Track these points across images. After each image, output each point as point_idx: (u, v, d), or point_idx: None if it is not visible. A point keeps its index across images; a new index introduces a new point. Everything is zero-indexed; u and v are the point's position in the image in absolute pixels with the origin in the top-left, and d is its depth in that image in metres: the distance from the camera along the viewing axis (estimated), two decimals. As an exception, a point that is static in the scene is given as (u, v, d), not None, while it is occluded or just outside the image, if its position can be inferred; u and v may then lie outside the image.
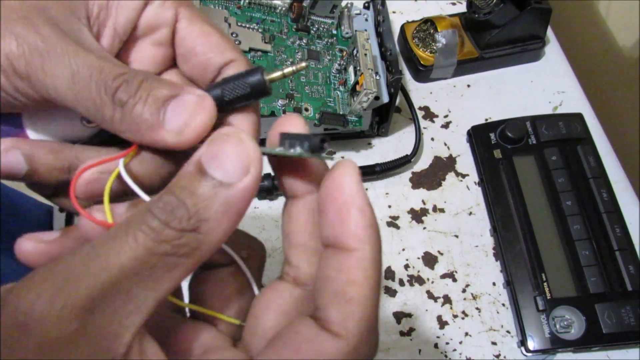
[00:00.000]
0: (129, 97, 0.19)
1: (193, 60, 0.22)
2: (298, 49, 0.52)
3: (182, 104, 0.19)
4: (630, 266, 0.47)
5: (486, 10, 0.58)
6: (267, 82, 0.20)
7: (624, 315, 0.45)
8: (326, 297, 0.18)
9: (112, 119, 0.19)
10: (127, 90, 0.19)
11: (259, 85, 0.20)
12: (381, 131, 0.56)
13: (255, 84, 0.20)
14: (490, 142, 0.54)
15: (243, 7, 0.51)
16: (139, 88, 0.19)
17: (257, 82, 0.20)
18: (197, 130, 0.19)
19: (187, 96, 0.20)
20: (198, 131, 0.19)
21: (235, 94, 0.20)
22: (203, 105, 0.20)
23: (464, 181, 0.55)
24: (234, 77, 0.21)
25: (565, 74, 0.62)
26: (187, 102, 0.20)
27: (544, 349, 0.44)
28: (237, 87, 0.20)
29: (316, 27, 0.53)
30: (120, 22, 0.21)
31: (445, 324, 0.48)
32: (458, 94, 0.60)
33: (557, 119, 0.55)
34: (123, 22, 0.21)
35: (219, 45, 0.22)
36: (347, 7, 0.55)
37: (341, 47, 0.54)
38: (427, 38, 0.59)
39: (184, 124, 0.19)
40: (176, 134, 0.19)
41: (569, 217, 0.49)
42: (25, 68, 0.19)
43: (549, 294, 0.46)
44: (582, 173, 0.52)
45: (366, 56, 0.48)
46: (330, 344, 0.17)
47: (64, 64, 0.19)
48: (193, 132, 0.19)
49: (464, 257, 0.51)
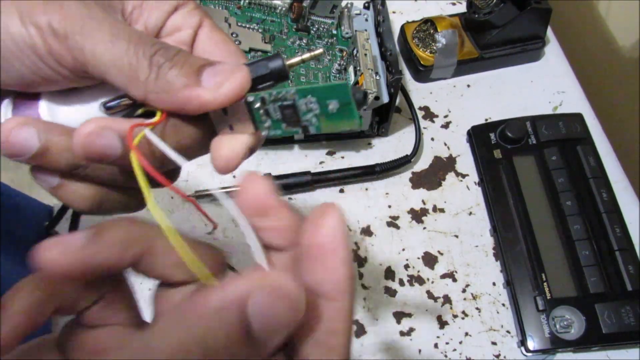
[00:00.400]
0: (165, 60, 0.20)
1: None
2: (298, 49, 0.52)
3: (219, 68, 0.21)
4: (630, 266, 0.47)
5: (486, 10, 0.58)
6: (286, 67, 0.21)
7: (624, 315, 0.45)
8: (308, 346, 0.18)
9: (146, 80, 0.20)
10: (165, 55, 0.20)
11: (279, 68, 0.21)
12: (381, 131, 0.56)
13: (276, 68, 0.21)
14: (490, 142, 0.54)
15: (243, 7, 0.51)
16: (175, 55, 0.21)
17: (278, 66, 0.21)
18: (235, 86, 0.20)
19: (223, 64, 0.21)
20: (235, 87, 0.20)
21: (256, 73, 0.21)
22: (240, 68, 0.21)
23: (464, 181, 0.55)
24: (256, 61, 0.22)
25: (565, 74, 0.62)
26: (223, 66, 0.21)
27: (544, 349, 0.44)
28: (258, 68, 0.21)
29: (316, 27, 0.53)
30: (151, 22, 0.23)
31: (445, 324, 0.48)
32: (458, 94, 0.60)
33: (557, 119, 0.55)
34: (153, 21, 0.23)
35: (234, 53, 0.24)
36: (347, 7, 0.55)
37: (341, 47, 0.54)
38: (427, 38, 0.59)
39: (221, 81, 0.20)
40: (213, 90, 0.20)
41: (569, 217, 0.49)
42: (64, 29, 0.19)
43: (549, 294, 0.46)
44: (582, 173, 0.52)
45: (366, 56, 0.48)
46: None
47: (104, 28, 0.20)
48: (230, 87, 0.20)
49: (464, 257, 0.51)
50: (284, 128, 0.21)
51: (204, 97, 0.20)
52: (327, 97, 0.19)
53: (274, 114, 0.21)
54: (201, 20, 0.24)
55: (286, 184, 0.52)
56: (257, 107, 0.21)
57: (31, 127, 0.21)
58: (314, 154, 0.56)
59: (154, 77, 0.20)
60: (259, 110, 0.21)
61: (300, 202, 0.53)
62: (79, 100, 0.22)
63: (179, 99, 0.20)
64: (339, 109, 0.19)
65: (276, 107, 0.21)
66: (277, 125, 0.21)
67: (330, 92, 0.19)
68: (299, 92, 0.20)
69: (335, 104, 0.19)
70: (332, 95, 0.19)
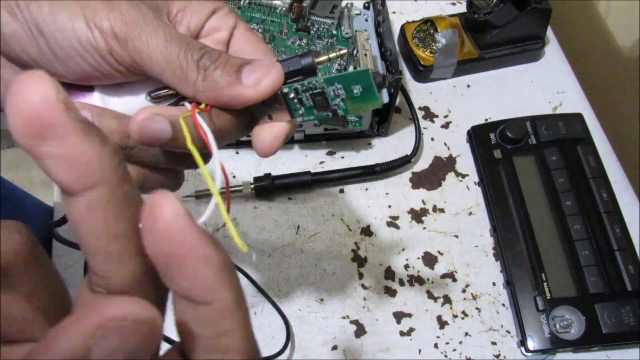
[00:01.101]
0: (211, 62, 0.23)
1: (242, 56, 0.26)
2: (298, 49, 0.52)
3: (256, 66, 0.24)
4: (630, 266, 0.47)
5: (486, 10, 0.58)
6: (315, 64, 0.24)
7: (624, 315, 0.45)
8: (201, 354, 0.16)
9: (195, 80, 0.23)
10: (210, 58, 0.23)
11: (310, 65, 0.24)
12: (381, 131, 0.56)
13: (307, 65, 0.24)
14: (490, 142, 0.54)
15: (243, 7, 0.51)
16: (219, 57, 0.24)
17: (309, 63, 0.24)
18: (272, 81, 0.23)
19: (259, 62, 0.24)
20: (273, 82, 0.23)
21: (289, 68, 0.24)
22: (275, 65, 0.24)
23: (464, 181, 0.55)
24: (289, 58, 0.25)
25: (565, 74, 0.62)
26: (260, 64, 0.24)
27: (544, 349, 0.45)
28: (291, 64, 0.24)
29: (316, 27, 0.53)
30: (193, 23, 0.26)
31: (445, 324, 0.48)
32: (458, 94, 0.60)
33: (557, 119, 0.55)
34: (195, 23, 0.26)
35: (265, 52, 0.26)
36: (347, 7, 0.55)
37: (341, 47, 0.54)
38: (427, 38, 0.59)
39: (259, 77, 0.23)
40: (253, 86, 0.23)
41: (569, 217, 0.49)
42: (125, 33, 0.22)
43: (548, 294, 0.46)
44: (582, 173, 0.52)
45: (366, 56, 0.48)
46: None
47: (159, 34, 0.23)
48: (268, 83, 0.23)
49: (464, 257, 0.51)
50: (316, 113, 0.25)
51: (245, 94, 0.23)
52: (352, 83, 0.22)
53: (306, 101, 0.24)
54: (236, 22, 0.27)
55: (286, 184, 0.52)
56: (292, 97, 0.24)
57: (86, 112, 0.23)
58: (314, 154, 0.56)
59: (202, 78, 0.23)
60: (294, 100, 0.24)
61: (300, 202, 0.53)
62: (128, 91, 0.25)
63: (224, 96, 0.23)
64: (362, 92, 0.23)
65: (308, 95, 0.24)
66: (309, 111, 0.25)
67: (354, 78, 0.22)
68: (327, 81, 0.23)
69: (359, 88, 0.23)
70: (356, 81, 0.22)
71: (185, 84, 0.23)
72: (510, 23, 0.57)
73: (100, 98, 0.25)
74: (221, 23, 0.26)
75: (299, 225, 0.52)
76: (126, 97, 0.25)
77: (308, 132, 0.54)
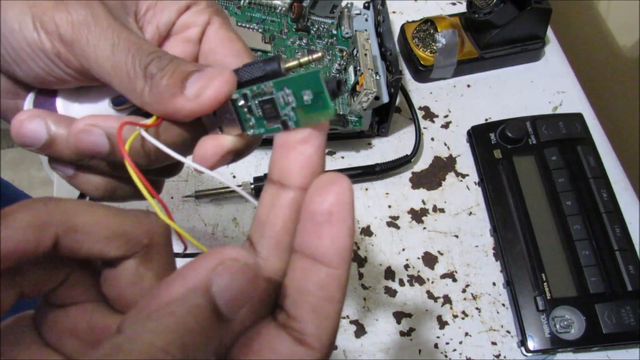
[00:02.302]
0: (158, 70, 0.21)
1: (211, 58, 0.24)
2: (298, 49, 0.52)
3: (203, 74, 0.21)
4: (630, 266, 0.47)
5: (486, 10, 0.58)
6: (283, 71, 0.21)
7: (624, 315, 0.45)
8: (305, 311, 0.18)
9: (141, 90, 0.21)
10: (158, 65, 0.21)
11: (275, 71, 0.21)
12: (381, 131, 0.56)
13: (271, 69, 0.21)
14: (490, 142, 0.54)
15: (243, 7, 0.51)
16: (168, 63, 0.21)
17: (274, 69, 0.21)
18: (215, 92, 0.20)
19: (209, 69, 0.21)
20: (214, 95, 0.20)
21: (250, 76, 0.21)
22: (221, 73, 0.21)
23: (464, 181, 0.55)
24: (253, 62, 0.21)
25: (565, 74, 0.62)
26: (207, 72, 0.21)
27: (544, 349, 0.44)
28: (253, 70, 0.21)
29: (316, 27, 0.53)
30: (163, 21, 0.24)
31: (445, 324, 0.48)
32: (458, 94, 0.60)
33: (557, 119, 0.55)
34: (165, 21, 0.24)
35: (240, 52, 0.24)
36: (347, 7, 0.55)
37: (341, 47, 0.54)
38: (427, 38, 0.59)
39: (201, 88, 0.20)
40: (194, 98, 0.21)
41: (569, 217, 0.49)
42: (71, 35, 0.20)
43: (549, 294, 0.46)
44: (582, 173, 0.52)
45: (366, 56, 0.48)
46: (307, 357, 0.18)
47: (107, 36, 0.21)
48: (210, 94, 0.20)
49: (464, 257, 0.51)
50: (266, 125, 0.21)
51: (186, 106, 0.21)
52: (302, 88, 0.19)
53: (256, 111, 0.21)
54: (210, 18, 0.24)
55: (286, 184, 0.52)
56: (241, 104, 0.21)
57: (41, 120, 0.22)
58: (314, 154, 0.56)
59: (148, 88, 0.21)
60: (243, 109, 0.21)
61: (300, 202, 0.53)
62: (92, 97, 0.24)
63: (168, 108, 0.21)
64: (312, 99, 0.19)
65: (257, 103, 0.20)
66: (260, 123, 0.21)
67: (304, 82, 0.19)
68: (276, 85, 0.20)
69: (310, 94, 0.19)
70: (306, 85, 0.19)
71: (133, 93, 0.21)
72: (510, 23, 0.57)
73: (63, 104, 0.24)
74: (193, 19, 0.24)
75: (299, 225, 0.52)
76: (88, 103, 0.24)
77: (308, 132, 0.54)
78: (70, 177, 0.24)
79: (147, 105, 0.21)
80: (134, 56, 0.21)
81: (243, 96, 0.21)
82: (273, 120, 0.20)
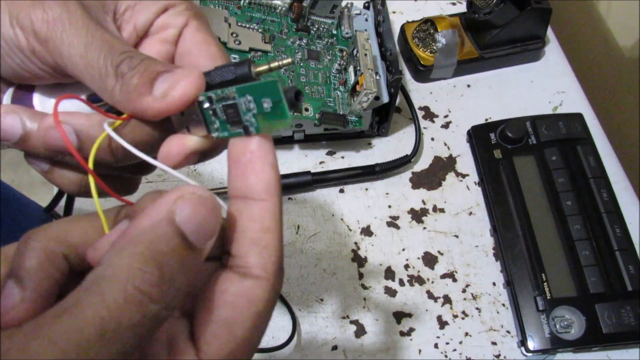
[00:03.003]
0: (129, 69, 0.21)
1: (186, 60, 0.24)
2: (298, 49, 0.52)
3: (172, 75, 0.21)
4: (630, 266, 0.47)
5: (486, 10, 0.58)
6: (253, 75, 0.21)
7: (624, 315, 0.45)
8: (244, 245, 0.20)
9: (112, 89, 0.21)
10: (129, 64, 0.21)
11: (245, 74, 0.21)
12: (381, 131, 0.56)
13: (242, 73, 0.21)
14: (490, 142, 0.54)
15: (243, 7, 0.51)
16: (139, 63, 0.21)
17: (243, 72, 0.21)
18: (181, 93, 0.21)
19: (178, 70, 0.21)
20: (182, 94, 0.21)
21: (221, 79, 0.21)
22: (189, 75, 0.21)
23: (464, 181, 0.55)
24: (224, 66, 0.22)
25: (565, 74, 0.62)
26: (176, 73, 0.21)
27: (544, 349, 0.44)
28: (224, 73, 0.21)
29: (316, 27, 0.53)
30: (141, 21, 0.24)
31: (445, 324, 0.48)
32: (458, 94, 0.60)
33: (557, 119, 0.55)
34: (143, 21, 0.24)
35: (214, 56, 0.24)
36: (347, 7, 0.55)
37: (341, 47, 0.54)
38: (427, 38, 0.59)
39: (168, 88, 0.21)
40: (160, 98, 0.21)
41: (569, 217, 0.49)
42: (46, 33, 0.21)
43: (549, 294, 0.46)
44: (582, 173, 0.52)
45: (366, 56, 0.48)
46: (256, 288, 0.19)
47: (81, 35, 0.21)
48: (176, 95, 0.21)
49: (464, 257, 0.51)
50: (229, 129, 0.21)
51: (153, 106, 0.21)
52: (261, 95, 0.19)
53: (220, 114, 0.21)
54: (187, 20, 0.24)
55: (286, 184, 0.52)
56: (207, 107, 0.21)
57: (16, 115, 0.22)
58: (314, 154, 0.56)
59: (118, 87, 0.21)
60: (209, 111, 0.21)
61: (300, 202, 0.53)
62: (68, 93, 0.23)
63: (136, 107, 0.21)
64: (272, 107, 0.19)
65: (221, 107, 0.21)
66: (223, 126, 0.21)
67: (263, 90, 0.19)
68: (238, 91, 0.20)
69: (269, 102, 0.19)
70: (265, 93, 0.19)
71: (104, 91, 0.22)
72: (510, 23, 0.57)
73: (39, 99, 0.24)
74: (171, 21, 0.24)
75: (299, 225, 0.52)
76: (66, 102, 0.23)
77: (308, 132, 0.54)
78: (45, 172, 0.24)
79: (118, 104, 0.22)
80: (106, 55, 0.21)
81: (208, 99, 0.21)
82: (236, 125, 0.21)
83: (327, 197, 0.54)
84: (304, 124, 0.52)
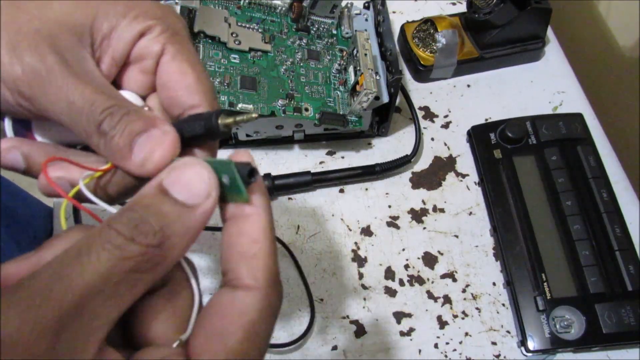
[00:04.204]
0: (110, 129, 0.21)
1: (165, 93, 0.25)
2: (298, 49, 0.52)
3: (148, 138, 0.22)
4: (630, 266, 0.47)
5: (486, 10, 0.58)
6: (219, 127, 0.22)
7: (624, 315, 0.45)
8: (233, 259, 0.20)
9: (97, 146, 0.22)
10: (110, 123, 0.21)
11: (212, 128, 0.22)
12: (381, 131, 0.56)
13: (209, 127, 0.22)
14: (490, 142, 0.54)
15: (243, 7, 0.51)
16: (119, 121, 0.22)
17: (211, 125, 0.22)
18: (156, 163, 0.21)
19: (154, 131, 0.22)
20: (157, 164, 0.21)
21: (193, 132, 0.22)
22: (163, 141, 0.22)
23: (464, 181, 0.55)
24: (195, 117, 0.23)
25: (565, 74, 0.62)
26: (152, 136, 0.22)
27: (544, 349, 0.44)
28: (195, 126, 0.22)
29: (316, 27, 0.53)
30: (118, 51, 0.24)
31: (445, 324, 0.48)
32: (458, 94, 0.60)
33: (557, 119, 0.55)
34: (120, 50, 0.24)
35: (190, 88, 0.24)
36: (347, 7, 0.55)
37: (341, 47, 0.54)
38: (427, 38, 0.59)
39: (145, 157, 0.21)
40: (139, 166, 0.22)
41: (569, 217, 0.49)
42: (29, 91, 0.22)
43: (549, 294, 0.46)
44: (582, 173, 0.52)
45: (366, 56, 0.48)
46: (247, 298, 0.19)
47: (63, 94, 0.21)
48: (153, 164, 0.21)
49: (464, 257, 0.51)
50: None
51: (135, 172, 0.22)
52: (221, 172, 0.20)
53: None
54: (163, 47, 0.24)
55: (286, 184, 0.52)
56: None
57: (17, 151, 0.23)
58: (314, 154, 0.56)
59: (102, 145, 0.22)
60: None
61: (300, 202, 0.53)
62: None
63: (119, 166, 0.22)
64: (230, 183, 0.20)
65: None
66: None
67: (221, 167, 0.20)
68: None
69: (227, 179, 0.20)
70: (223, 170, 0.20)
71: (92, 145, 0.22)
72: (510, 23, 0.57)
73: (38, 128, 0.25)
74: (147, 50, 0.24)
75: (299, 225, 0.52)
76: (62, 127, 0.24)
77: (308, 132, 0.54)
78: None
79: (106, 156, 0.22)
80: (87, 115, 0.21)
81: None
82: None
83: (327, 197, 0.54)
84: (304, 124, 0.52)
